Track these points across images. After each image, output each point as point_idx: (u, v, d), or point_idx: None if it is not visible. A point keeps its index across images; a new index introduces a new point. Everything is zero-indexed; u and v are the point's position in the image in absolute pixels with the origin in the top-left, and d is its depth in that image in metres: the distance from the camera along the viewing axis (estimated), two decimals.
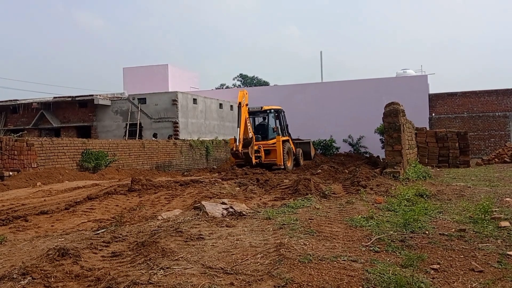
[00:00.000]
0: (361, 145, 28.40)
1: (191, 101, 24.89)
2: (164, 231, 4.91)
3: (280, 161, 17.10)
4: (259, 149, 17.03)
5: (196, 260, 3.84)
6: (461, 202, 6.92)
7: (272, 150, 17.33)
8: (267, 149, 17.39)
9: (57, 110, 25.56)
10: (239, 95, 16.52)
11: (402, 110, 11.67)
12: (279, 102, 28.72)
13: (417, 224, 5.12)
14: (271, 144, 17.45)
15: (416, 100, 26.48)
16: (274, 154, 17.26)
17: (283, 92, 30.43)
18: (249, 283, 3.28)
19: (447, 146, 16.83)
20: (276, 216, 5.71)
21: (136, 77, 36.20)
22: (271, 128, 18.19)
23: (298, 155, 19.25)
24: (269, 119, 18.59)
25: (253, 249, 4.15)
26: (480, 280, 3.50)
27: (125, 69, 37.75)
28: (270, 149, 17.37)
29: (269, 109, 18.65)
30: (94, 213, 6.99)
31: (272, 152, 17.33)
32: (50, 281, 3.46)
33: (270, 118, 18.62)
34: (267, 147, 17.42)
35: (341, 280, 3.36)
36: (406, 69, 31.50)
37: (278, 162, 17.10)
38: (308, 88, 30.37)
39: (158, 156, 19.64)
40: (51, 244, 4.68)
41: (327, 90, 29.74)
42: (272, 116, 18.71)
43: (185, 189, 9.21)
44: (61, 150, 14.63)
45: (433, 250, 4.27)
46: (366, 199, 6.93)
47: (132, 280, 3.32)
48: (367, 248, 4.23)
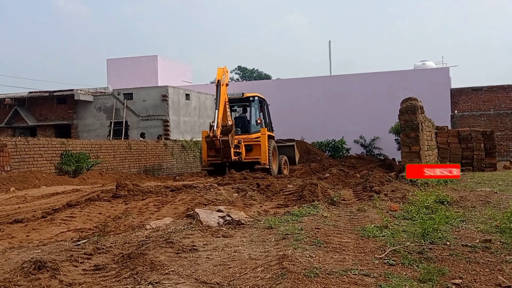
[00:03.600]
0: (375, 147, 28.43)
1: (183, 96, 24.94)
2: (153, 241, 4.92)
3: (265, 159, 15.89)
4: (239, 144, 15.78)
5: (188, 274, 3.85)
6: (487, 209, 6.92)
7: (255, 146, 16.16)
8: (249, 145, 16.18)
9: (32, 107, 25.61)
10: (218, 72, 15.65)
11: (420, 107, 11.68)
12: (283, 97, 28.84)
13: (437, 234, 5.13)
14: (254, 139, 16.28)
15: (437, 96, 26.50)
16: (258, 150, 16.03)
17: (287, 86, 30.46)
18: None
19: (471, 147, 16.83)
20: (278, 225, 5.72)
21: (121, 69, 36.25)
22: (255, 120, 16.92)
23: (281, 161, 17.67)
24: (251, 109, 17.26)
25: (252, 262, 4.16)
26: None
27: (109, 61, 37.79)
28: (253, 144, 16.19)
29: (252, 96, 17.35)
30: (75, 221, 7.00)
31: (255, 148, 16.16)
32: None
33: (254, 107, 17.29)
34: (249, 141, 16.20)
35: None
36: (426, 60, 31.52)
37: (263, 160, 15.85)
38: (315, 82, 30.41)
39: (146, 158, 19.67)
40: (26, 256, 4.69)
41: (336, 85, 29.76)
42: (255, 106, 17.35)
43: (176, 195, 9.23)
44: (38, 152, 14.66)
45: (454, 263, 4.28)
46: (380, 207, 6.94)
47: None
48: (380, 261, 4.24)
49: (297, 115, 28.75)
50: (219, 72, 15.68)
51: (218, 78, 15.45)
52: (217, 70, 15.87)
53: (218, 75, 15.64)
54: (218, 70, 15.82)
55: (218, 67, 15.91)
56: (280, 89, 30.04)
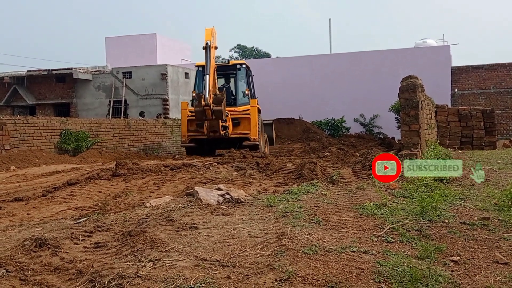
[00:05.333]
0: (374, 125, 28.37)
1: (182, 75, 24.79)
2: (153, 219, 4.94)
3: (255, 134, 14.51)
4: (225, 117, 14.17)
5: (188, 252, 3.88)
6: (486, 187, 6.95)
7: (242, 120, 14.74)
8: (236, 118, 14.71)
9: (31, 86, 25.48)
10: (206, 33, 14.02)
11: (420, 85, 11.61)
12: (282, 76, 28.67)
13: (435, 212, 5.16)
14: (242, 112, 14.88)
15: (437, 74, 26.33)
16: (246, 125, 14.65)
17: (287, 65, 30.23)
18: (247, 277, 3.32)
19: (470, 125, 16.82)
20: (277, 203, 5.74)
21: (120, 48, 35.95)
22: (243, 91, 15.49)
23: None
24: (238, 78, 15.72)
25: (252, 240, 4.18)
26: (505, 273, 3.54)
27: (107, 39, 37.46)
28: (240, 118, 14.77)
29: (240, 64, 15.81)
30: (75, 200, 7.03)
31: (242, 122, 14.74)
32: (27, 274, 3.51)
33: (240, 76, 15.73)
34: (236, 114, 14.73)
35: (350, 273, 3.40)
36: (426, 38, 31.25)
37: (252, 135, 14.47)
38: (315, 60, 30.16)
39: (146, 137, 19.66)
40: (27, 233, 4.72)
41: (336, 63, 29.53)
42: (242, 74, 15.77)
43: (176, 173, 9.25)
44: (37, 131, 14.64)
45: (453, 240, 4.31)
46: (379, 185, 6.96)
47: (117, 273, 3.35)
48: (379, 239, 4.27)
49: (296, 94, 28.60)
50: (207, 33, 14.10)
51: (207, 39, 13.87)
52: (205, 31, 14.24)
53: (206, 36, 14.01)
54: (206, 31, 14.21)
55: (205, 28, 14.30)
56: (280, 68, 29.85)
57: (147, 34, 36.77)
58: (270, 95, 25.90)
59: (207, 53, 13.68)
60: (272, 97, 26.18)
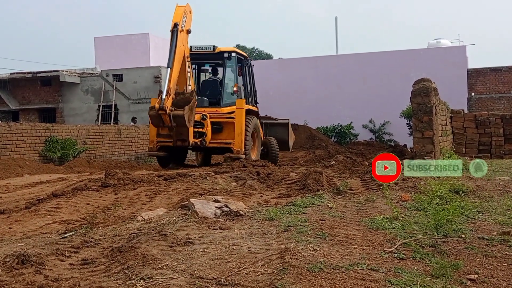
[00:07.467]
0: (385, 132, 28.42)
1: None
2: (145, 234, 4.93)
3: (240, 145, 12.59)
4: (202, 120, 12.48)
5: (183, 269, 3.87)
6: (505, 199, 6.94)
7: (226, 125, 12.92)
8: (218, 122, 12.86)
9: (14, 89, 25.57)
10: (176, 12, 12.01)
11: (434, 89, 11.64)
12: (285, 78, 28.76)
13: (451, 226, 5.15)
14: (226, 114, 12.94)
15: (452, 77, 26.41)
16: (230, 131, 12.81)
17: (290, 67, 30.35)
18: None
19: (489, 132, 16.81)
20: (280, 217, 5.73)
21: (110, 49, 36.05)
22: (230, 87, 13.60)
23: (272, 144, 14.70)
24: (226, 70, 13.54)
25: (252, 256, 4.18)
26: None
27: (97, 39, 37.58)
28: (224, 122, 12.93)
29: (228, 52, 13.56)
30: (61, 213, 7.01)
31: (226, 128, 12.91)
32: None
33: (229, 69, 13.68)
34: (218, 117, 12.83)
35: None
36: (440, 39, 31.39)
37: (236, 146, 12.61)
38: (320, 62, 30.28)
39: (138, 145, 19.67)
40: (9, 249, 4.70)
41: (343, 65, 29.63)
42: (232, 66, 13.69)
43: (170, 184, 9.24)
44: (20, 138, 14.66)
45: (470, 257, 4.30)
46: (390, 196, 6.95)
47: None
48: (390, 255, 4.26)
49: (300, 98, 28.68)
50: (177, 13, 12.04)
51: (175, 20, 11.82)
52: (175, 9, 12.16)
53: (175, 16, 11.95)
54: (176, 9, 12.13)
55: (176, 5, 12.22)
56: (282, 70, 29.96)
57: (139, 34, 36.88)
58: (271, 99, 25.96)
59: (173, 39, 11.71)
60: (274, 101, 26.21)
